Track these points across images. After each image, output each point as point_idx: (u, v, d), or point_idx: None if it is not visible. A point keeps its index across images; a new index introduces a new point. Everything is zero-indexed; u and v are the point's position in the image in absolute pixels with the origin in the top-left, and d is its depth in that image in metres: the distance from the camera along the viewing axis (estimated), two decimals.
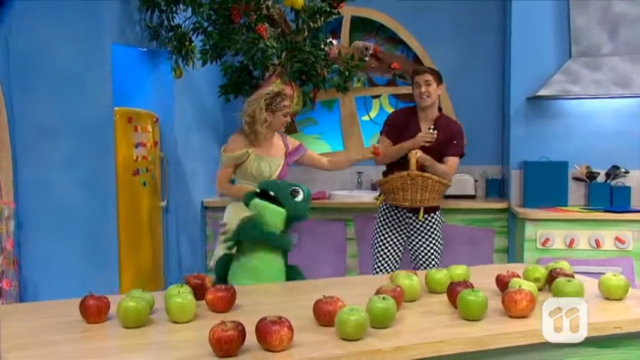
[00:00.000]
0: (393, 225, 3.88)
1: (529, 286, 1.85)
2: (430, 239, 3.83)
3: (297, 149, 3.63)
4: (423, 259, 3.86)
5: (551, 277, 2.04)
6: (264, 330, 1.50)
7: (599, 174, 4.46)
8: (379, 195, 3.97)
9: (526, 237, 4.20)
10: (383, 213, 3.93)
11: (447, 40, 5.26)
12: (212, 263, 3.48)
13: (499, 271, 2.15)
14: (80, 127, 3.71)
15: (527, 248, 4.20)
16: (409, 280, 1.97)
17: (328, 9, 4.16)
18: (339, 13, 4.27)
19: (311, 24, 4.21)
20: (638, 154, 4.47)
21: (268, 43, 3.90)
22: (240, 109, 3.49)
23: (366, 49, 4.96)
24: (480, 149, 5.18)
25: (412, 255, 3.91)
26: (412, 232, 3.85)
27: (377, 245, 3.94)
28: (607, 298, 1.97)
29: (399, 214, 3.86)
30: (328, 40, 4.34)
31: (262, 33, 3.90)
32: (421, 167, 3.67)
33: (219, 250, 3.40)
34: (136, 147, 4.08)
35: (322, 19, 4.20)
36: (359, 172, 5.32)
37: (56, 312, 1.89)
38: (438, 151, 3.72)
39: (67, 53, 3.69)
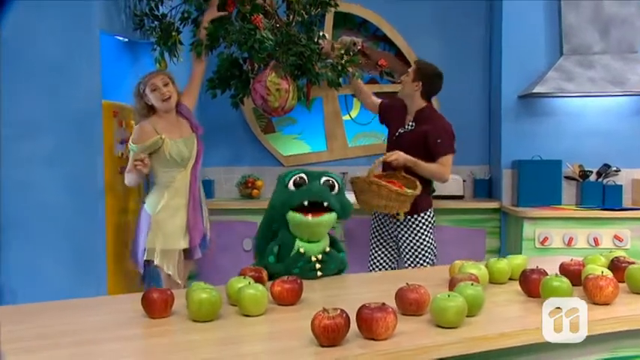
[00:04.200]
0: (382, 230, 3.96)
1: (608, 273, 1.86)
2: (416, 242, 3.81)
3: (198, 125, 3.75)
4: (413, 264, 3.84)
5: (615, 265, 2.06)
6: (368, 318, 1.46)
7: (591, 172, 4.57)
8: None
9: (524, 236, 4.26)
10: (373, 220, 4.03)
11: (432, 37, 5.30)
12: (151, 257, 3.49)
13: (552, 262, 2.16)
14: (66, 122, 3.54)
15: (526, 247, 4.26)
16: (478, 270, 1.96)
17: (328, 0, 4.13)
18: (337, 4, 4.24)
19: (304, 15, 4.16)
20: (629, 152, 4.61)
21: (264, 34, 3.83)
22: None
23: (354, 44, 4.94)
24: (467, 149, 5.22)
25: (403, 260, 3.90)
26: (400, 237, 3.85)
27: (371, 253, 4.02)
28: None
29: (384, 219, 3.89)
30: (321, 34, 4.30)
31: (258, 23, 3.83)
32: (407, 169, 3.73)
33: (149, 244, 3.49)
34: (120, 143, 3.93)
35: (319, 10, 4.16)
36: (343, 173, 5.28)
37: (115, 308, 1.80)
38: (419, 145, 3.78)
39: (52, 41, 3.52)
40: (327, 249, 2.26)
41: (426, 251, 3.83)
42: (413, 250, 3.82)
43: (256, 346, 1.46)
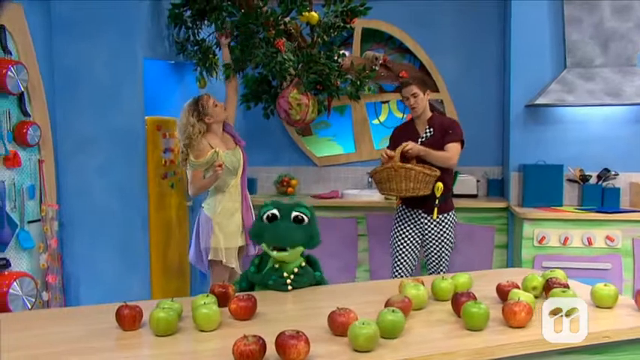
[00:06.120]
0: (409, 225, 3.86)
1: (527, 298, 1.83)
2: (442, 239, 3.79)
3: (240, 139, 3.74)
4: (435, 260, 3.83)
5: (548, 285, 2.02)
6: (283, 344, 1.50)
7: (591, 176, 4.42)
8: (396, 198, 3.96)
9: (524, 235, 4.17)
10: (399, 214, 3.92)
11: (451, 50, 5.21)
12: (216, 255, 3.53)
13: (501, 277, 2.13)
14: (115, 136, 3.73)
15: (525, 246, 4.17)
16: (416, 290, 1.96)
17: (342, 24, 4.13)
18: (352, 27, 4.23)
19: (325, 37, 4.18)
20: (627, 157, 4.43)
21: (286, 56, 3.88)
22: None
23: (376, 58, 4.93)
24: (482, 151, 5.16)
25: (425, 255, 3.89)
26: (426, 232, 3.81)
27: (395, 246, 3.92)
28: (598, 307, 1.95)
29: (413, 215, 3.84)
30: (341, 52, 4.30)
31: (280, 47, 3.88)
32: (419, 158, 3.67)
33: (214, 244, 3.53)
34: (164, 152, 4.08)
35: (336, 32, 4.16)
36: (369, 173, 5.28)
37: (95, 318, 1.90)
38: (438, 145, 3.73)
39: (104, 68, 3.70)
40: (303, 264, 2.29)
41: (449, 245, 3.83)
42: (437, 244, 3.80)
43: None
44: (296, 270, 2.26)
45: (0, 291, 3.14)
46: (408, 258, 3.87)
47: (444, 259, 3.82)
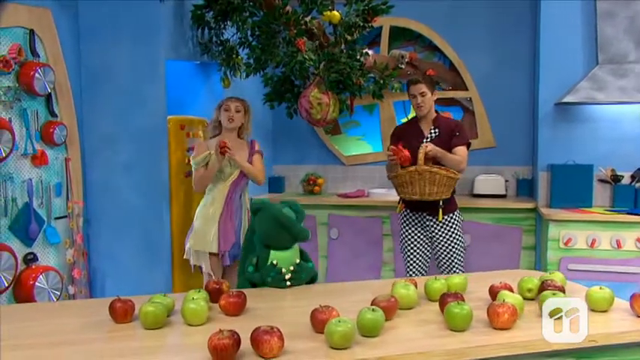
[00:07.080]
0: (416, 228, 3.86)
1: (514, 299, 1.83)
2: (450, 239, 3.78)
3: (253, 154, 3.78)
4: (446, 261, 3.81)
5: (543, 288, 2.01)
6: (256, 339, 1.55)
7: (623, 177, 4.30)
8: (399, 202, 3.93)
9: (549, 237, 4.09)
10: (405, 218, 3.91)
11: (480, 48, 5.15)
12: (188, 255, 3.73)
13: (502, 278, 2.11)
14: (138, 135, 3.84)
15: (551, 247, 4.09)
16: (406, 290, 1.98)
17: (362, 23, 4.14)
18: (372, 26, 4.24)
19: (347, 37, 4.19)
20: None
21: (306, 56, 3.92)
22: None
23: (402, 57, 4.93)
24: (512, 151, 5.09)
25: (435, 257, 3.87)
26: (433, 234, 3.80)
27: (405, 250, 3.93)
28: (593, 310, 1.92)
29: (418, 217, 3.83)
30: (364, 51, 4.31)
31: (301, 47, 3.92)
32: (434, 160, 3.65)
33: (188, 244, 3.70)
34: (188, 151, 4.18)
35: (357, 32, 4.17)
36: (388, 176, 5.27)
37: (92, 311, 1.99)
38: (445, 146, 3.71)
39: (128, 70, 3.82)
40: (297, 261, 2.34)
41: (459, 245, 3.81)
42: (447, 245, 3.78)
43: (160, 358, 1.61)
44: (292, 268, 2.30)
45: (27, 284, 3.30)
46: (420, 260, 3.88)
47: (456, 259, 3.79)
